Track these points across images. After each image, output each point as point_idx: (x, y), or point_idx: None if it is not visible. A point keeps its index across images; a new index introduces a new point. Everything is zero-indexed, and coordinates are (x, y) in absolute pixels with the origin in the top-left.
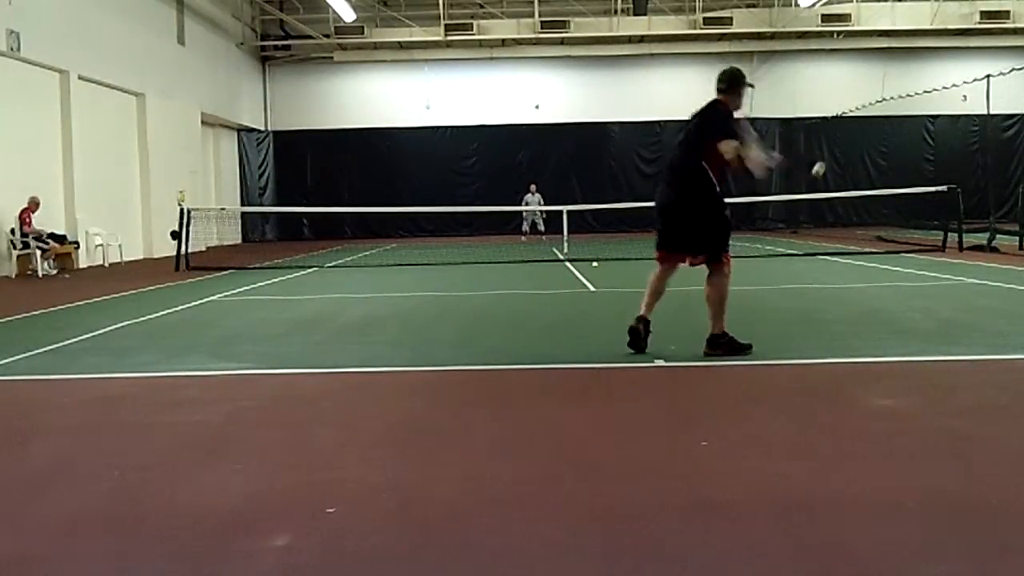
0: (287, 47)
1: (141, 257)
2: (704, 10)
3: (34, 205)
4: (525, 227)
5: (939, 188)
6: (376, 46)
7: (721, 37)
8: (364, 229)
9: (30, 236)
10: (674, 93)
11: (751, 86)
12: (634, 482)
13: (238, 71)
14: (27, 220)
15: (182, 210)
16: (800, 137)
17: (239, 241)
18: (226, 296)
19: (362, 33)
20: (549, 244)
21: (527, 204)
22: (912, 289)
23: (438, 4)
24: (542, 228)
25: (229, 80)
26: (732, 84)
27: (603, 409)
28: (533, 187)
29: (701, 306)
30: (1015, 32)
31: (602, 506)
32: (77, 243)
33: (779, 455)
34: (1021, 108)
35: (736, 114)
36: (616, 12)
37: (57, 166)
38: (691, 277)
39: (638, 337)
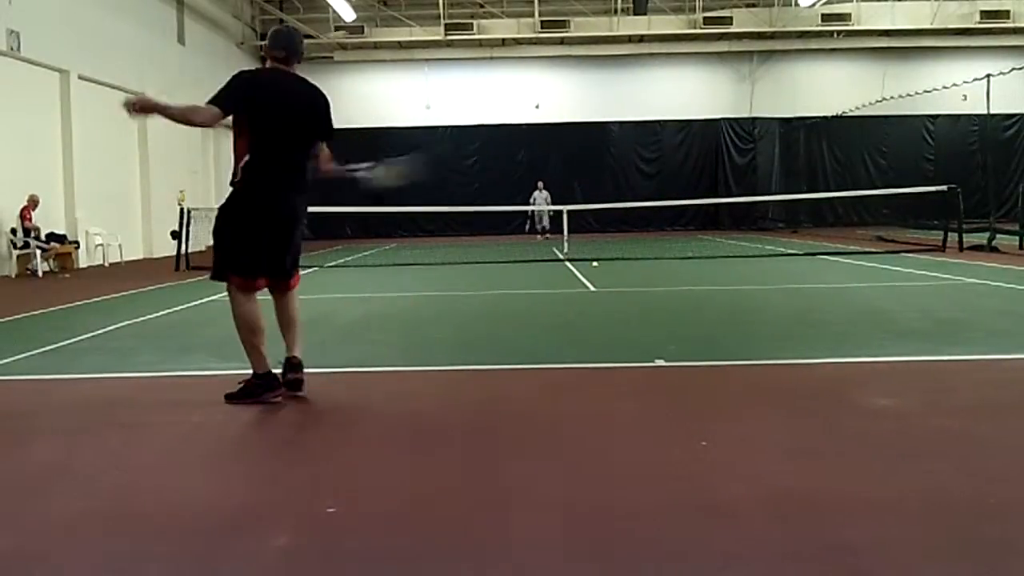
0: None
1: (141, 257)
2: (704, 10)
3: (33, 203)
4: (538, 226)
5: (939, 188)
6: (376, 46)
7: (721, 37)
8: (364, 229)
9: (31, 233)
10: (674, 93)
11: None
12: (634, 482)
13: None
14: (28, 216)
15: (182, 210)
16: (800, 137)
17: None
18: (226, 296)
19: (362, 33)
20: (549, 244)
21: (534, 202)
22: (912, 289)
23: (438, 4)
24: (546, 225)
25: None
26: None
27: (603, 409)
28: (541, 184)
29: (701, 306)
30: (1015, 32)
31: (602, 506)
32: (77, 243)
33: (779, 455)
34: (1021, 108)
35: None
36: (616, 12)
37: (57, 166)
38: (692, 277)
39: None
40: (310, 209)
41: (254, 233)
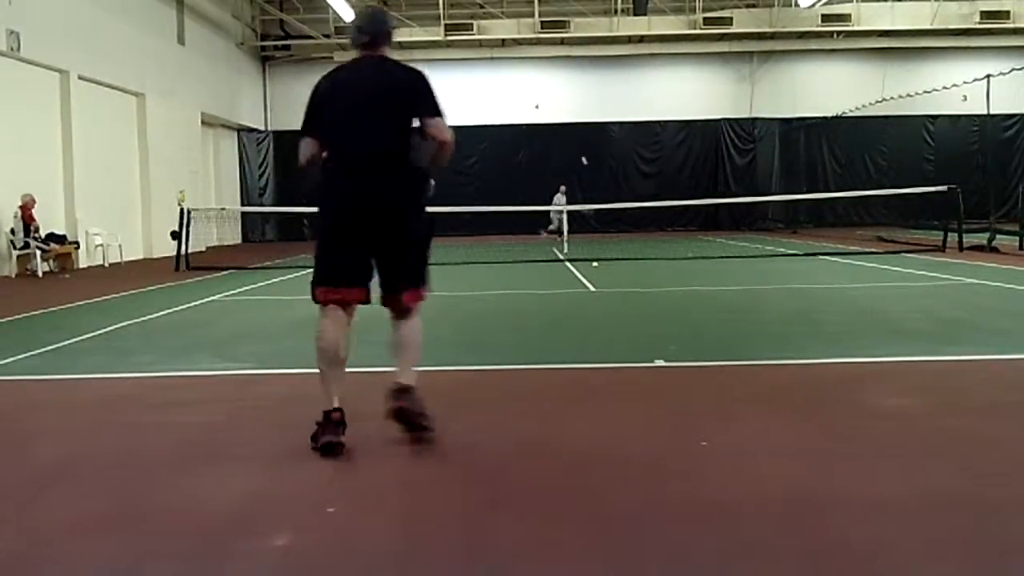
0: (287, 47)
1: (141, 257)
2: (704, 10)
3: (31, 202)
4: (554, 226)
5: (939, 188)
6: None
7: (721, 37)
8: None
9: (31, 235)
10: (674, 93)
11: None
12: (634, 482)
13: (238, 71)
14: (30, 215)
15: (182, 210)
16: (800, 137)
17: (239, 241)
18: (226, 296)
19: None
20: (549, 243)
21: (556, 203)
22: (912, 289)
23: (438, 4)
24: (557, 227)
25: (229, 80)
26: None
27: (603, 409)
28: (563, 188)
29: (701, 306)
30: (1015, 32)
31: (602, 506)
32: (77, 243)
33: (779, 455)
34: (1021, 108)
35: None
36: (616, 12)
37: (57, 166)
38: (692, 277)
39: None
40: (310, 209)
41: (326, 237)
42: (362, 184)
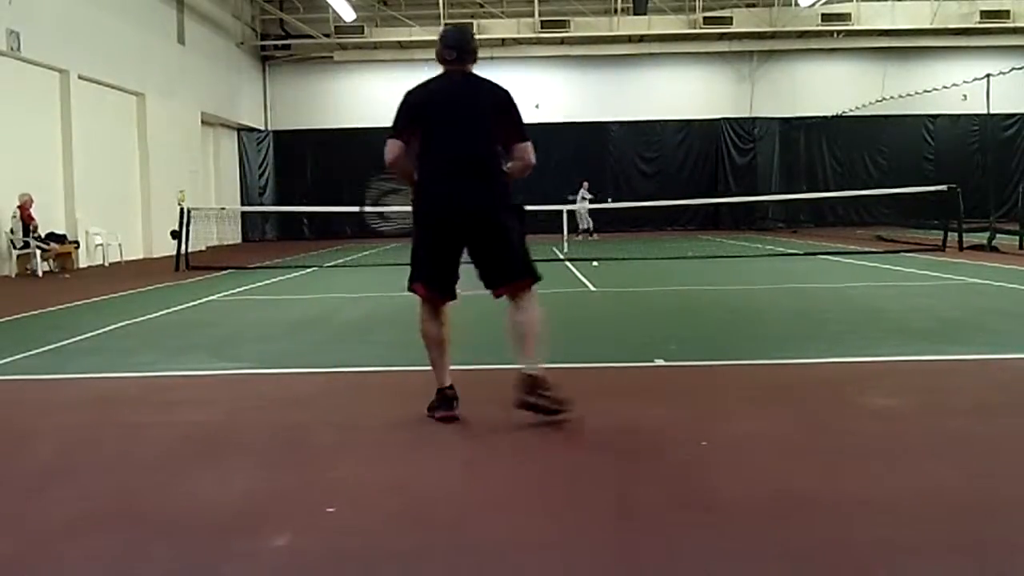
0: (287, 47)
1: (141, 257)
2: (704, 10)
3: (29, 202)
4: (581, 227)
5: (939, 188)
6: (376, 46)
7: (721, 37)
8: (364, 229)
9: (31, 235)
10: (674, 93)
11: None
12: (634, 482)
13: (238, 71)
14: (30, 216)
15: (182, 210)
16: (800, 137)
17: (239, 241)
18: (226, 296)
19: (362, 33)
20: (550, 243)
21: (578, 201)
22: (912, 289)
23: (438, 4)
24: (588, 226)
25: (229, 80)
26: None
27: (603, 409)
28: (586, 184)
29: (701, 306)
30: (1015, 32)
31: (602, 506)
32: (77, 243)
33: (779, 455)
34: (1021, 108)
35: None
36: (616, 12)
37: (57, 166)
38: (692, 277)
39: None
40: (310, 209)
41: (423, 240)
42: (456, 187)
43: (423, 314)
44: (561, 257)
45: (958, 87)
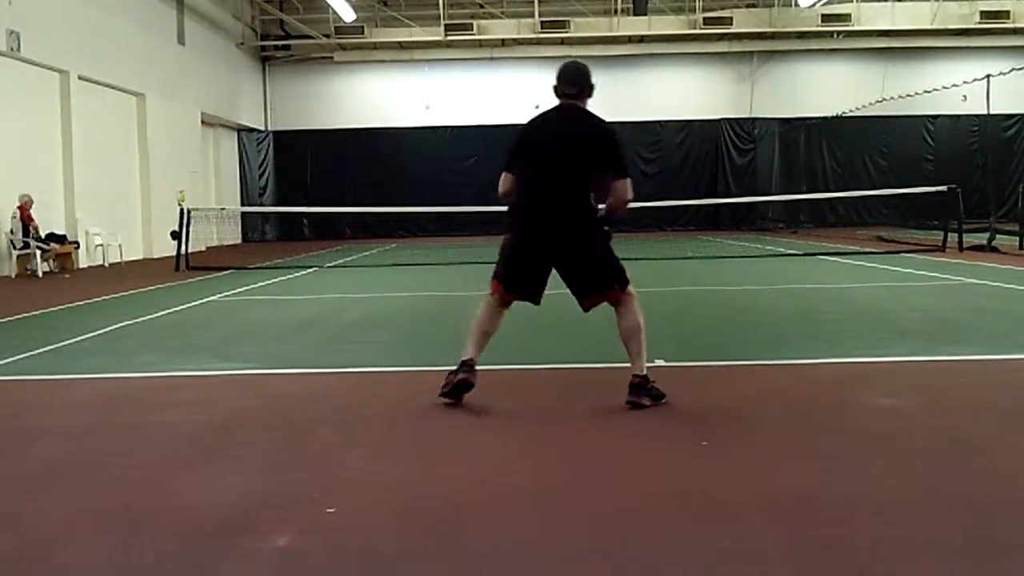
0: (287, 47)
1: (141, 257)
2: (704, 10)
3: (29, 203)
4: None
5: (939, 188)
6: (376, 46)
7: (721, 37)
8: (364, 229)
9: (31, 235)
10: (674, 93)
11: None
12: (634, 482)
13: (238, 71)
14: (30, 216)
15: (182, 210)
16: (800, 137)
17: (239, 241)
18: (226, 296)
19: (362, 33)
20: None
21: None
22: (912, 289)
23: (438, 4)
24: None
25: (229, 80)
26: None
27: (603, 409)
28: None
29: (701, 306)
30: (1015, 32)
31: (602, 506)
32: (77, 243)
33: (779, 455)
34: (1021, 108)
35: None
36: (616, 12)
37: (57, 166)
38: (692, 277)
39: None
40: (310, 209)
41: (514, 251)
42: (543, 221)
43: (486, 306)
44: None
45: (958, 87)
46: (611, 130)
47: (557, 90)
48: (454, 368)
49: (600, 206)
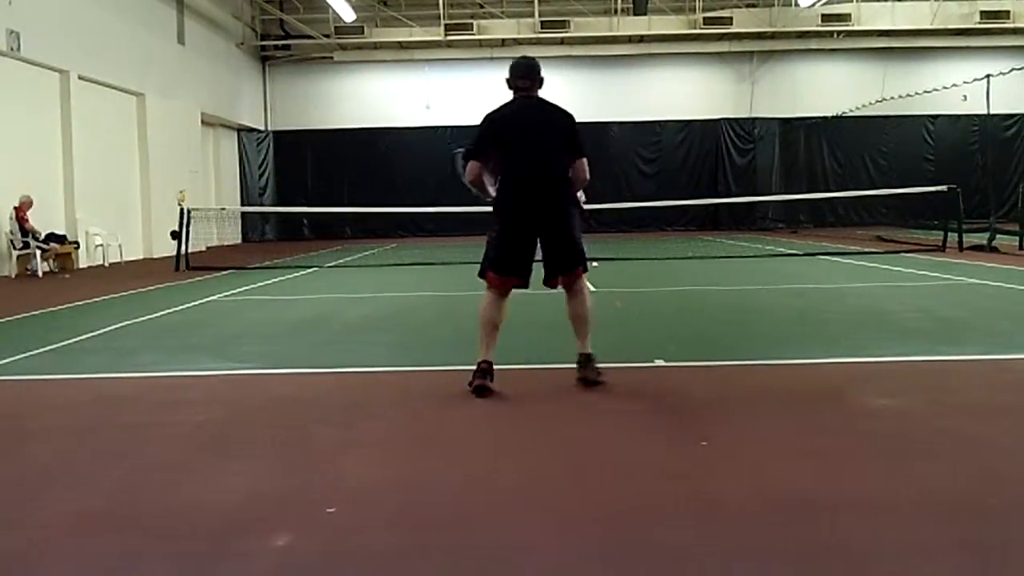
0: (287, 47)
1: (141, 257)
2: (704, 10)
3: (27, 203)
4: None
5: (939, 188)
6: (376, 46)
7: (721, 37)
8: (364, 229)
9: (30, 235)
10: (674, 93)
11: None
12: (634, 482)
13: (238, 71)
14: (25, 218)
15: (182, 210)
16: (800, 137)
17: (239, 241)
18: (226, 296)
19: (362, 33)
20: None
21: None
22: (912, 289)
23: (438, 4)
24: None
25: (229, 80)
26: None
27: (603, 409)
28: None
29: (701, 306)
30: (1015, 32)
31: (602, 506)
32: (77, 243)
33: (779, 455)
34: (1021, 108)
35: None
36: (616, 12)
37: (57, 166)
38: (692, 277)
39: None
40: (310, 209)
41: (503, 238)
42: (533, 199)
43: (488, 300)
44: None
45: (958, 87)
46: (572, 115)
47: (510, 83)
48: (474, 370)
49: (580, 195)
